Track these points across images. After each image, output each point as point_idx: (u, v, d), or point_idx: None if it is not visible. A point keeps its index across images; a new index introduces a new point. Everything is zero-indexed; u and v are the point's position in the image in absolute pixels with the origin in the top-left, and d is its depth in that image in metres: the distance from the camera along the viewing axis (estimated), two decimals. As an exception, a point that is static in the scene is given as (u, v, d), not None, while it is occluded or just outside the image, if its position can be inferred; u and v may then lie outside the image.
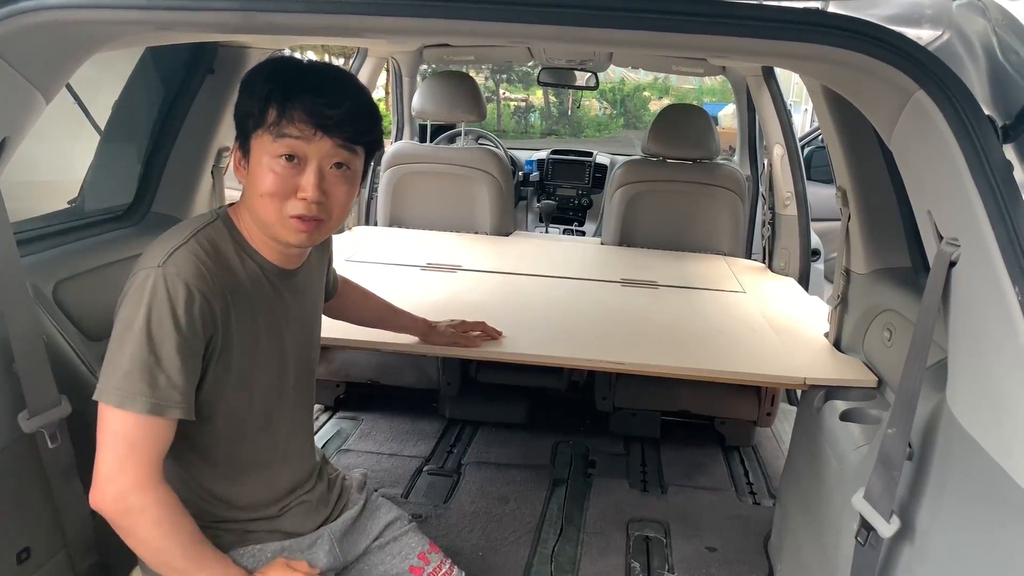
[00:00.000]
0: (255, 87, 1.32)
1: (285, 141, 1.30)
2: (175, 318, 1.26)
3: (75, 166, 2.38)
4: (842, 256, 2.29)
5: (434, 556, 1.73)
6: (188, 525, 1.33)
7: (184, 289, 1.27)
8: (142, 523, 1.28)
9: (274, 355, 1.49)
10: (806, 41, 1.24)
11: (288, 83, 1.31)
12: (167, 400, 1.26)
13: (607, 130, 16.67)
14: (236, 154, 1.38)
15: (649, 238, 3.69)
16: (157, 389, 1.25)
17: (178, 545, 1.31)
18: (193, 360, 1.30)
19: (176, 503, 1.31)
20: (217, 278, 1.32)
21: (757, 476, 3.16)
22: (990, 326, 1.17)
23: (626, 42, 1.34)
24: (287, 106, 1.30)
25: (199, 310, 1.28)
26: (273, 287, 1.45)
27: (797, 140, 3.38)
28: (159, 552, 1.31)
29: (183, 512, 1.32)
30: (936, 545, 1.28)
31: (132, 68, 2.33)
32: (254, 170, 1.35)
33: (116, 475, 1.26)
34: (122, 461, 1.26)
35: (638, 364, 2.12)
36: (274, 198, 1.33)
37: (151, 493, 1.27)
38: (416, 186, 3.77)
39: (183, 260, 1.29)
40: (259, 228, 1.40)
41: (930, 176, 1.33)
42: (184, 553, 1.31)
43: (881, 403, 1.95)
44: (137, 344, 1.25)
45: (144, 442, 1.27)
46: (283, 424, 1.55)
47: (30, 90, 1.38)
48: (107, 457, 1.26)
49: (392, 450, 3.21)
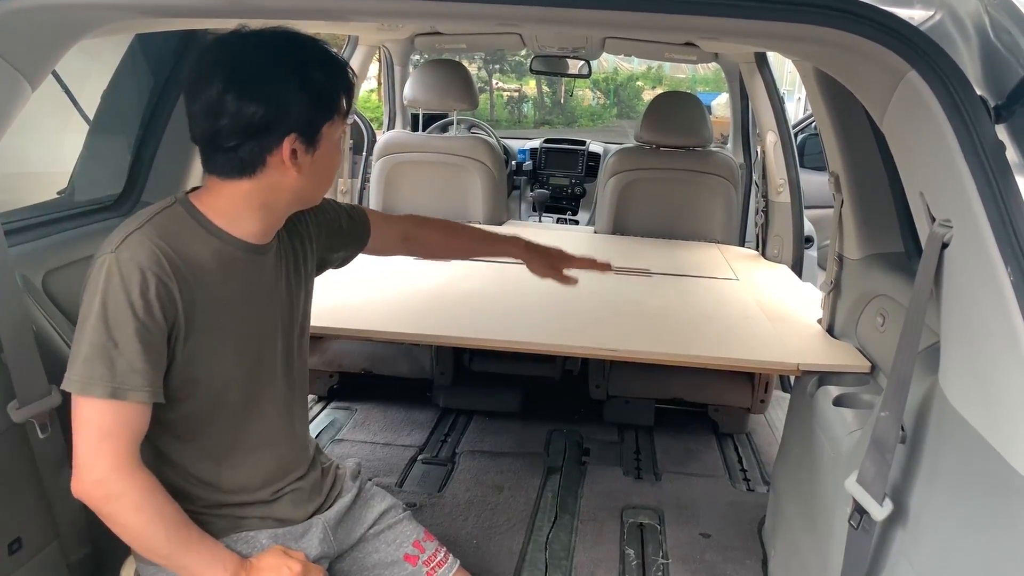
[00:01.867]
0: (314, 76, 1.33)
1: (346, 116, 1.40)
2: (130, 302, 1.25)
3: (64, 157, 2.37)
4: (835, 242, 2.29)
5: (429, 544, 1.72)
6: (171, 509, 1.32)
7: (138, 273, 1.26)
8: (123, 509, 1.28)
9: (251, 333, 1.48)
10: (798, 21, 1.23)
11: (327, 63, 1.36)
12: (128, 384, 1.26)
13: (600, 120, 16.63)
14: (288, 147, 1.32)
15: (642, 226, 3.68)
16: (116, 373, 1.25)
17: (162, 530, 1.30)
18: (154, 344, 1.30)
19: (156, 487, 1.31)
20: (174, 261, 1.31)
21: (751, 463, 3.16)
22: (983, 307, 1.17)
23: (617, 23, 1.33)
24: (350, 87, 1.39)
25: (155, 293, 1.28)
26: (243, 264, 1.43)
27: (790, 127, 3.38)
28: (143, 537, 1.31)
29: (165, 496, 1.32)
30: (929, 527, 1.28)
31: (120, 58, 2.31)
32: (324, 156, 1.39)
33: (92, 462, 1.26)
34: (96, 448, 1.26)
35: (632, 351, 2.12)
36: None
37: (128, 478, 1.28)
38: (408, 175, 3.75)
39: (137, 244, 1.28)
40: (292, 204, 1.45)
41: (922, 157, 1.33)
42: (168, 537, 1.31)
43: (874, 388, 1.95)
44: (94, 330, 1.25)
45: (114, 427, 1.27)
46: (272, 406, 1.54)
47: (15, 77, 1.36)
48: (81, 445, 1.27)
49: (386, 440, 3.21)
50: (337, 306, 2.29)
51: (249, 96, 1.28)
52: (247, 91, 1.28)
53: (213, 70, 1.29)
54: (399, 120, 4.60)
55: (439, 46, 4.44)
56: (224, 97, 1.28)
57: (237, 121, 1.29)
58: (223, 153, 1.33)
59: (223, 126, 1.29)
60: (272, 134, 1.31)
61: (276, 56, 1.32)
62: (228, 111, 1.28)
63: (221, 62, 1.30)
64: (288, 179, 1.36)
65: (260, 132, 1.30)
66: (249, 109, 1.28)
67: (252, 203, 1.39)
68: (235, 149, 1.32)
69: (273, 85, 1.29)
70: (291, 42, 1.34)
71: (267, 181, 1.36)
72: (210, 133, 1.32)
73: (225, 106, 1.28)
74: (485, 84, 15.94)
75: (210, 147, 1.35)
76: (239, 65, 1.30)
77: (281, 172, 1.35)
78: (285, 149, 1.33)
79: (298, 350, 1.61)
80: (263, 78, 1.29)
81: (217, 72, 1.29)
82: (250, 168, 1.34)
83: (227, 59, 1.30)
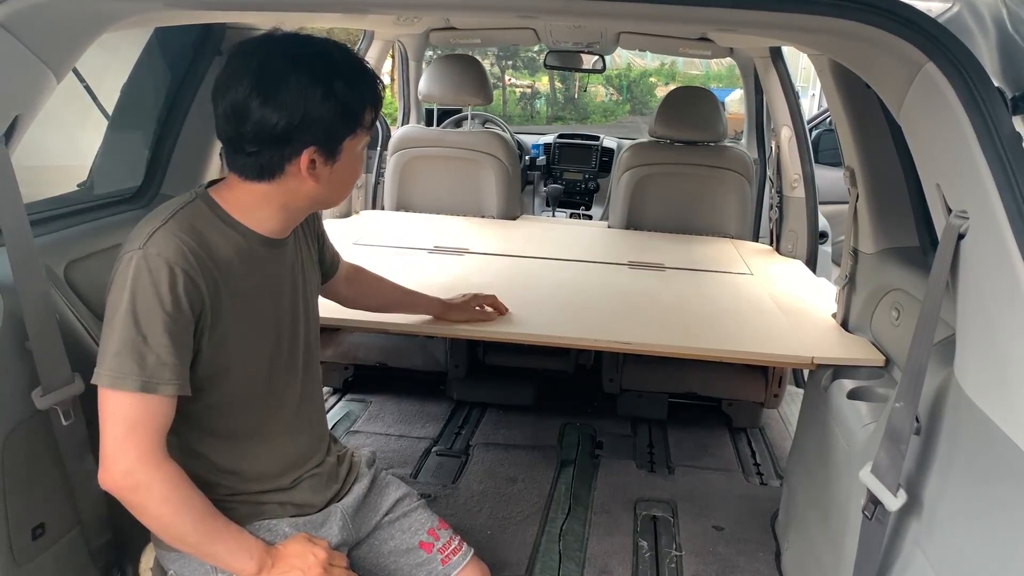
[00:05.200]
0: (339, 88, 1.32)
1: (370, 129, 1.41)
2: (159, 297, 1.28)
3: (83, 151, 2.39)
4: (850, 236, 2.29)
5: (443, 532, 1.74)
6: (198, 500, 1.35)
7: (166, 269, 1.28)
8: (151, 500, 1.30)
9: (271, 324, 1.50)
10: (815, 13, 1.23)
11: (354, 75, 1.36)
12: (158, 377, 1.28)
13: (613, 116, 16.60)
14: (306, 159, 1.34)
15: (656, 221, 3.68)
16: (146, 368, 1.27)
17: (189, 520, 1.33)
18: (182, 337, 1.32)
19: (183, 479, 1.33)
20: (199, 255, 1.33)
21: (764, 457, 3.17)
22: (999, 297, 1.17)
23: (633, 15, 1.34)
24: (377, 100, 1.40)
25: (183, 288, 1.30)
26: (262, 257, 1.45)
27: (805, 122, 3.37)
28: (170, 527, 1.33)
29: (191, 487, 1.34)
30: (944, 517, 1.29)
31: (139, 53, 2.33)
32: (345, 168, 1.40)
33: (119, 455, 1.29)
34: (123, 440, 1.28)
35: (645, 344, 2.12)
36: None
37: (155, 470, 1.30)
38: (423, 170, 3.76)
39: (163, 240, 1.30)
40: (311, 208, 1.49)
41: (939, 149, 1.33)
42: (196, 528, 1.34)
43: (888, 382, 1.95)
44: (124, 326, 1.27)
45: (142, 420, 1.29)
46: (291, 395, 1.57)
47: (41, 68, 1.38)
48: (109, 438, 1.29)
49: (400, 431, 3.23)
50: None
51: (272, 104, 1.28)
52: (271, 99, 1.28)
53: (240, 73, 1.30)
54: (413, 115, 4.61)
55: (453, 41, 4.45)
56: (249, 103, 1.29)
57: (259, 128, 1.30)
58: (244, 156, 1.35)
59: (246, 131, 1.31)
60: (292, 144, 1.32)
61: (303, 64, 1.31)
62: (252, 117, 1.29)
63: (249, 66, 1.30)
64: (306, 187, 1.38)
65: (281, 141, 1.32)
66: (272, 117, 1.29)
67: (271, 203, 1.41)
68: (256, 154, 1.33)
69: (297, 95, 1.29)
70: (320, 50, 1.34)
71: (285, 187, 1.38)
72: (233, 136, 1.33)
73: (250, 112, 1.29)
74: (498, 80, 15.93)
75: (232, 149, 1.36)
76: (266, 71, 1.30)
77: (299, 180, 1.37)
78: (304, 160, 1.34)
79: (313, 340, 1.64)
80: (287, 86, 1.29)
81: (244, 76, 1.29)
82: (269, 173, 1.36)
83: (255, 63, 1.30)
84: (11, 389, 1.48)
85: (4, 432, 1.45)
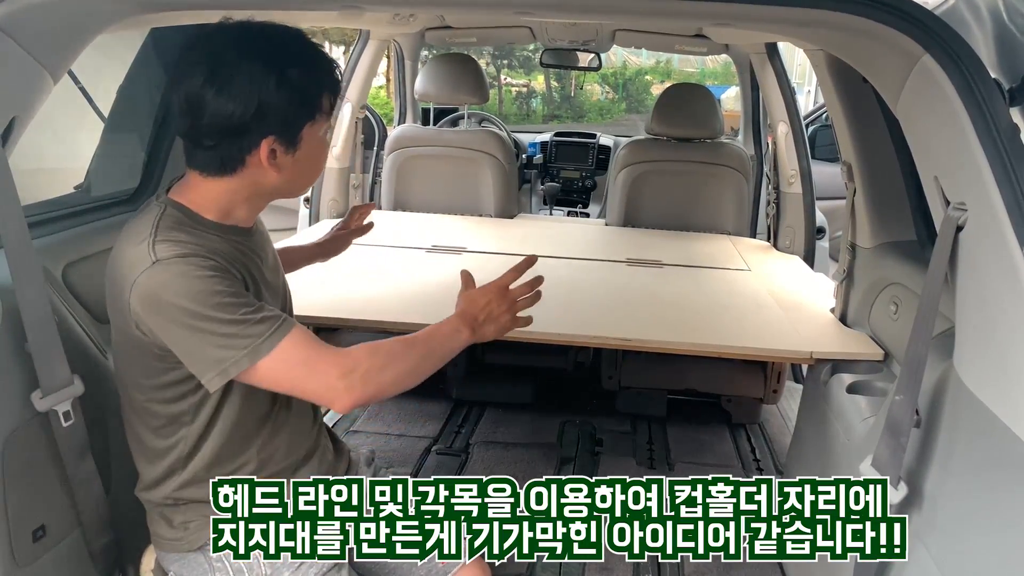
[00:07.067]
0: (292, 74, 1.29)
1: (330, 115, 1.39)
2: (206, 280, 1.27)
3: (79, 154, 2.39)
4: (848, 230, 2.29)
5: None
6: (393, 343, 1.39)
7: (184, 262, 1.27)
8: (378, 381, 1.35)
9: (280, 307, 1.50)
10: (812, 6, 1.24)
11: (309, 61, 1.33)
12: (276, 320, 1.30)
13: (609, 114, 16.58)
14: (266, 149, 1.32)
15: (653, 218, 3.68)
16: (258, 325, 1.28)
17: (411, 357, 1.39)
18: (246, 296, 1.33)
19: (370, 346, 1.36)
20: (202, 253, 1.31)
21: (764, 453, 3.17)
22: (998, 289, 1.17)
23: (628, 9, 1.33)
24: (335, 86, 1.38)
25: (211, 264, 1.29)
26: (238, 247, 1.43)
27: (801, 118, 3.38)
28: (411, 373, 1.39)
29: (379, 342, 1.38)
30: (944, 510, 1.29)
31: (134, 55, 2.33)
32: (307, 157, 1.38)
33: (324, 389, 1.33)
34: (317, 377, 1.32)
35: (644, 341, 2.13)
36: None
37: (352, 362, 1.32)
38: (420, 169, 3.76)
39: (164, 247, 1.28)
40: (277, 196, 1.44)
41: (937, 141, 1.33)
42: (420, 353, 1.40)
43: (887, 376, 1.95)
44: (207, 324, 1.26)
45: (303, 350, 1.31)
46: None
47: (38, 69, 1.38)
48: (307, 385, 1.33)
49: (400, 431, 3.23)
50: (351, 298, 2.31)
51: (226, 95, 1.26)
52: (224, 89, 1.26)
53: (194, 65, 1.28)
54: (410, 114, 4.61)
55: (449, 40, 4.45)
56: (203, 94, 1.26)
57: (215, 120, 1.28)
58: (204, 150, 1.33)
59: (202, 124, 1.29)
60: (250, 134, 1.30)
61: (255, 52, 1.28)
62: (208, 109, 1.27)
63: (202, 57, 1.28)
64: (269, 178, 1.36)
65: (238, 132, 1.29)
66: (227, 108, 1.26)
67: (236, 198, 1.39)
68: (215, 148, 1.31)
69: (250, 84, 1.26)
70: (272, 38, 1.32)
71: (249, 179, 1.36)
72: (191, 130, 1.31)
73: (205, 104, 1.27)
74: (493, 79, 15.91)
75: (192, 143, 1.34)
76: (219, 61, 1.27)
77: (261, 171, 1.35)
78: (263, 150, 1.32)
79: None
80: (241, 76, 1.26)
81: (197, 67, 1.27)
82: (231, 167, 1.34)
83: (207, 54, 1.28)
84: (10, 391, 1.48)
85: (4, 434, 1.45)
